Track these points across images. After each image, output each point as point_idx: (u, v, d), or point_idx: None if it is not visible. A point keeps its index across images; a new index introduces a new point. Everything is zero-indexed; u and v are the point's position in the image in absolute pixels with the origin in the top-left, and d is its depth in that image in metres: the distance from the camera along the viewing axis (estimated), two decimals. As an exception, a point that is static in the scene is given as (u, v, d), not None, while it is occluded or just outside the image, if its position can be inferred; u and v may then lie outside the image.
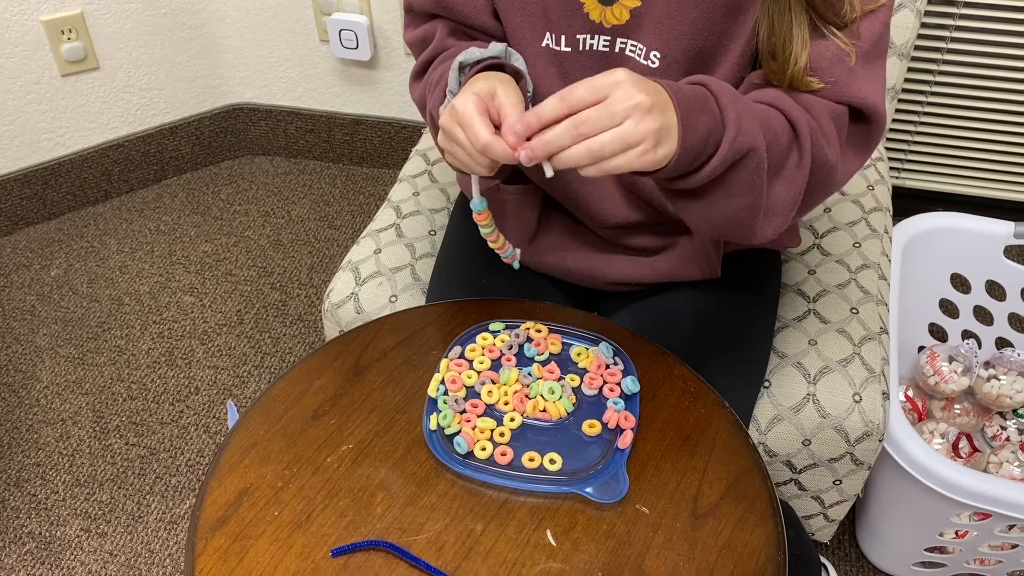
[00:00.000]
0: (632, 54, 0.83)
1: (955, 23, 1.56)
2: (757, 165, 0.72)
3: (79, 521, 1.35)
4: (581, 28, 0.84)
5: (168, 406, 1.51)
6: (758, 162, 0.72)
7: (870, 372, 1.02)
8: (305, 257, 1.80)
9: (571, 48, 0.85)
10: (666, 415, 0.78)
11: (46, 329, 1.65)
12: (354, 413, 0.78)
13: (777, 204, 0.77)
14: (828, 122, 0.78)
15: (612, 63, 0.84)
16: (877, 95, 0.79)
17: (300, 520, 0.69)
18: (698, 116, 0.68)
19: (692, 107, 0.68)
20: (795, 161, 0.76)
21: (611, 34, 0.83)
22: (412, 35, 0.92)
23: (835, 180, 0.80)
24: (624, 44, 0.83)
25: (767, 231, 0.79)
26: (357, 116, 1.97)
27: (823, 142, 0.76)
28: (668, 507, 0.70)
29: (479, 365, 0.80)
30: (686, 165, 0.69)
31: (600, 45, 0.84)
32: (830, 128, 0.78)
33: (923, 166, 1.78)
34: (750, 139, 0.71)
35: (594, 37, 0.84)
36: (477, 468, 0.72)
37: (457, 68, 0.77)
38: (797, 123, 0.75)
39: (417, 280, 1.10)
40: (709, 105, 0.69)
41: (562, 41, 0.85)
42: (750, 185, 0.73)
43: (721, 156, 0.69)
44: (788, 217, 0.79)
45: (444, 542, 0.68)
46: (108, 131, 1.88)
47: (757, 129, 0.72)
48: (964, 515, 1.09)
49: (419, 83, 0.90)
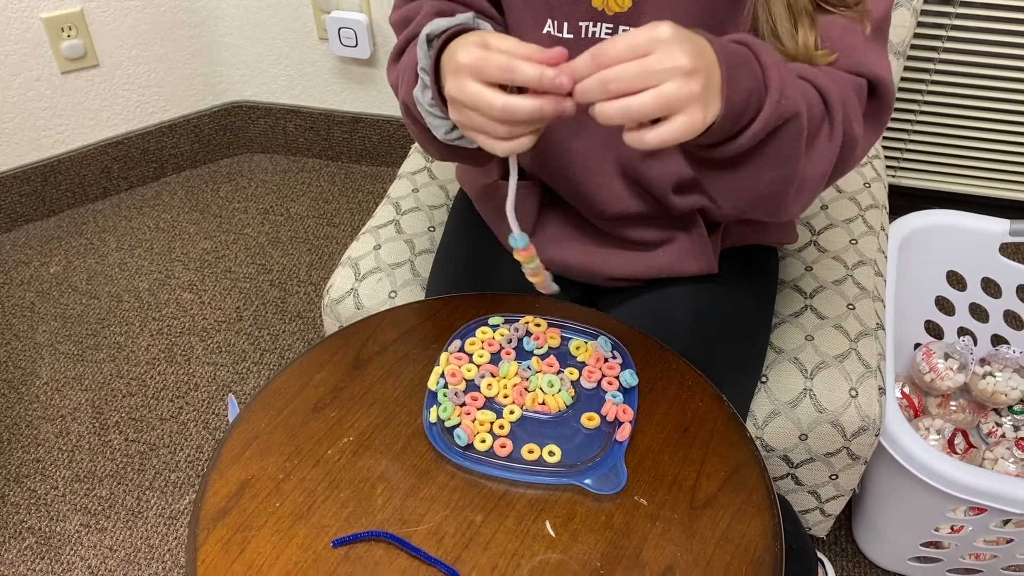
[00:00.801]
0: None
1: (952, 22, 1.57)
2: (797, 132, 0.68)
3: (79, 516, 1.35)
4: (583, 15, 0.83)
5: (167, 402, 1.52)
6: (799, 129, 0.68)
7: (866, 367, 1.03)
8: (304, 254, 1.81)
9: (573, 35, 0.84)
10: (664, 408, 0.78)
11: (45, 326, 1.66)
12: (354, 406, 0.78)
13: (808, 179, 0.73)
14: (853, 95, 0.75)
15: None
16: (887, 71, 0.77)
17: (301, 511, 0.70)
18: (742, 75, 0.63)
19: (737, 64, 0.63)
20: (827, 134, 0.72)
21: (613, 21, 0.83)
22: (397, 15, 0.88)
23: (856, 156, 0.77)
24: (627, 31, 0.83)
25: (795, 207, 0.76)
26: (356, 114, 1.98)
27: (852, 115, 0.74)
28: (666, 498, 0.71)
29: (479, 359, 0.81)
30: (727, 129, 0.65)
31: (603, 32, 0.84)
32: (855, 101, 0.75)
33: (919, 165, 1.79)
34: (793, 104, 0.66)
35: (596, 25, 0.83)
36: (477, 460, 0.72)
37: (425, 42, 0.72)
38: (828, 95, 0.72)
39: (416, 276, 1.11)
40: (752, 65, 0.65)
41: (564, 28, 0.84)
42: (788, 155, 0.69)
43: (763, 120, 0.65)
44: (816, 193, 0.76)
45: (444, 533, 0.68)
46: (107, 128, 1.89)
47: (799, 94, 0.68)
48: (959, 510, 1.10)
49: (396, 67, 0.85)
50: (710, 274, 0.95)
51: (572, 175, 0.92)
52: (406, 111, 0.81)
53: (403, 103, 0.80)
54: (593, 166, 0.91)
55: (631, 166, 0.89)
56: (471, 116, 0.66)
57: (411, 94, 0.76)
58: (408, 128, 0.84)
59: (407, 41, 0.83)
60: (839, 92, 0.73)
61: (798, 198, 0.74)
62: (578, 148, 0.91)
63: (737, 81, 0.63)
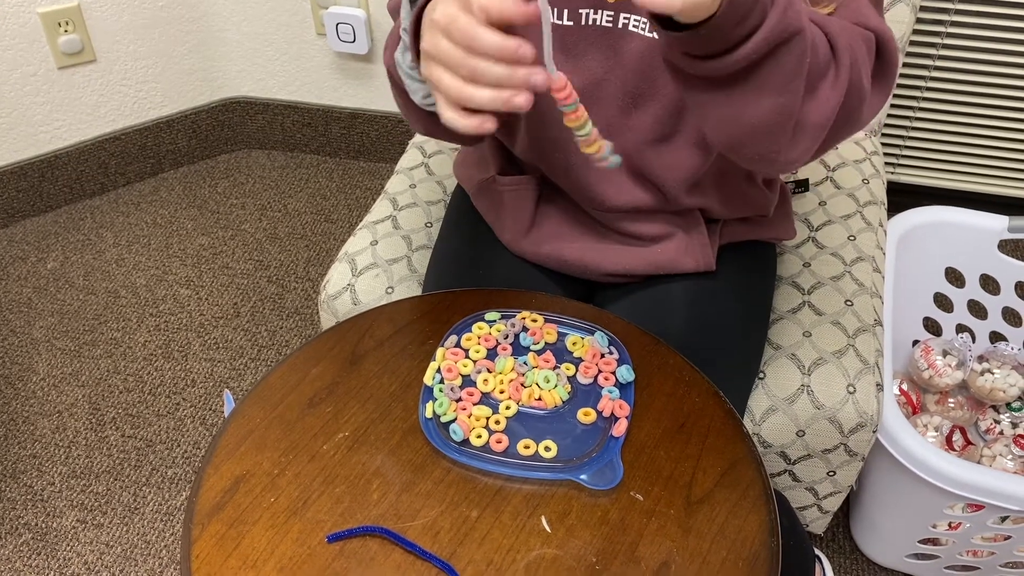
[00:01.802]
0: (636, 29, 0.83)
1: (951, 18, 1.57)
2: (800, 54, 0.64)
3: (75, 512, 1.35)
4: (584, 2, 0.83)
5: (164, 398, 1.51)
6: (802, 51, 0.64)
7: (864, 363, 1.02)
8: (302, 251, 1.81)
9: (573, 22, 0.84)
10: (661, 404, 0.78)
11: (42, 322, 1.65)
12: (350, 401, 0.78)
13: (809, 123, 0.70)
14: (862, 45, 0.72)
15: (615, 38, 0.84)
16: (891, 32, 0.76)
17: (296, 506, 0.70)
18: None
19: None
20: (832, 79, 0.69)
21: (614, 9, 0.82)
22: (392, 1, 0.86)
23: (862, 114, 0.74)
24: (628, 19, 0.83)
25: (793, 152, 0.72)
26: (354, 110, 1.97)
27: (860, 63, 0.71)
28: (662, 494, 0.71)
29: (475, 354, 0.80)
30: (728, 31, 0.61)
31: (603, 20, 0.83)
32: (863, 51, 0.72)
33: (918, 161, 1.78)
34: (797, 20, 0.63)
35: (597, 12, 0.83)
36: (472, 455, 0.72)
37: (407, 2, 0.70)
38: (835, 39, 0.69)
39: (413, 272, 1.11)
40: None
41: (564, 15, 0.84)
42: (789, 79, 0.65)
43: (767, 31, 0.61)
44: (816, 141, 0.72)
45: (439, 528, 0.68)
46: (105, 124, 1.88)
47: (804, 14, 0.64)
48: (957, 507, 1.10)
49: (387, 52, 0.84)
50: (707, 270, 0.95)
51: (572, 166, 0.92)
52: (390, 79, 0.79)
53: (387, 73, 0.79)
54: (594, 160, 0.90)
55: (635, 157, 0.89)
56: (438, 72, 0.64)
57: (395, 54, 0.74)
58: (394, 99, 0.83)
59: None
60: (847, 39, 0.70)
61: (796, 140, 0.71)
62: None
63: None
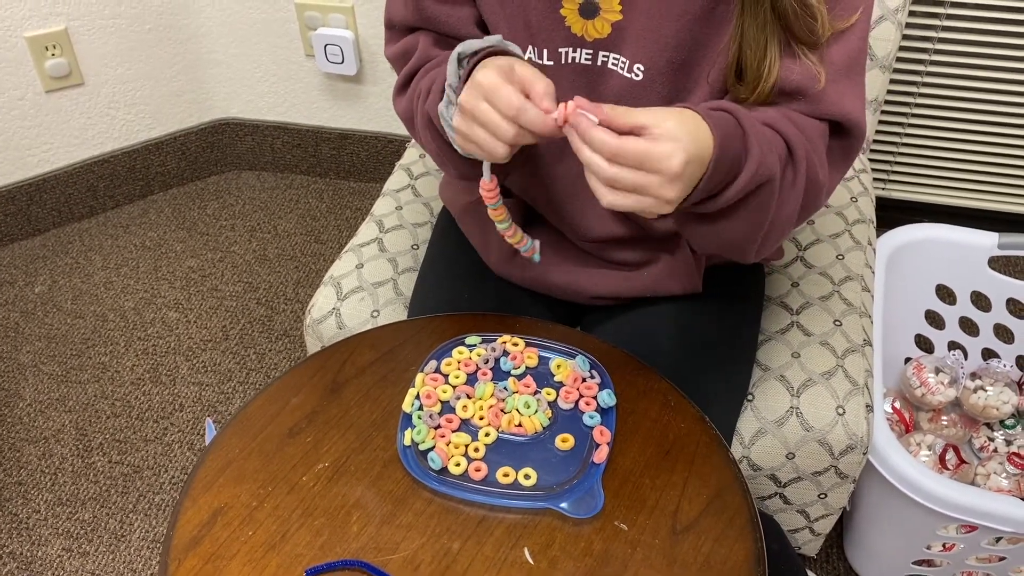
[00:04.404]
0: (615, 67, 0.83)
1: (938, 35, 1.57)
2: (771, 192, 0.73)
3: (61, 540, 1.33)
4: (563, 42, 0.83)
5: (152, 423, 1.50)
6: (772, 190, 0.73)
7: (853, 384, 1.01)
8: (291, 272, 1.80)
9: (553, 62, 0.84)
10: (646, 429, 0.77)
11: (29, 346, 1.64)
12: (331, 430, 0.77)
13: (775, 228, 0.78)
14: (819, 141, 0.79)
15: (595, 76, 0.84)
16: (859, 110, 0.80)
17: (274, 540, 0.68)
18: (730, 145, 0.69)
19: (728, 135, 0.69)
20: (790, 181, 0.76)
21: (593, 47, 0.83)
22: (393, 50, 0.91)
23: (821, 200, 0.82)
24: (607, 58, 0.83)
25: (763, 250, 0.81)
26: (343, 130, 1.97)
27: (816, 162, 0.77)
28: (647, 523, 0.70)
29: (454, 379, 0.79)
30: (706, 192, 0.70)
31: (583, 59, 0.84)
32: (820, 147, 0.79)
33: (908, 177, 1.78)
34: (768, 169, 0.72)
35: (576, 51, 0.84)
36: (452, 484, 0.71)
37: (456, 60, 0.75)
38: (793, 144, 0.76)
39: (399, 295, 1.10)
40: (736, 134, 0.71)
41: (544, 55, 0.84)
42: (761, 212, 0.75)
43: (740, 185, 0.71)
44: (783, 237, 0.81)
45: (420, 561, 0.67)
46: (93, 147, 1.88)
47: (775, 157, 0.73)
48: (951, 528, 1.08)
49: (403, 96, 0.88)
50: (694, 293, 0.95)
51: (556, 198, 0.92)
52: (425, 125, 0.83)
53: (424, 118, 0.83)
54: (576, 190, 0.91)
55: None
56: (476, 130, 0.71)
57: (435, 107, 0.79)
58: (424, 147, 0.88)
59: (413, 71, 0.87)
60: (804, 142, 0.76)
61: (766, 243, 0.79)
62: (562, 172, 0.91)
63: (727, 149, 0.68)
